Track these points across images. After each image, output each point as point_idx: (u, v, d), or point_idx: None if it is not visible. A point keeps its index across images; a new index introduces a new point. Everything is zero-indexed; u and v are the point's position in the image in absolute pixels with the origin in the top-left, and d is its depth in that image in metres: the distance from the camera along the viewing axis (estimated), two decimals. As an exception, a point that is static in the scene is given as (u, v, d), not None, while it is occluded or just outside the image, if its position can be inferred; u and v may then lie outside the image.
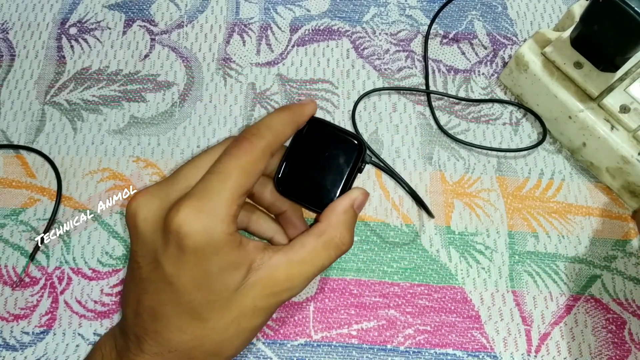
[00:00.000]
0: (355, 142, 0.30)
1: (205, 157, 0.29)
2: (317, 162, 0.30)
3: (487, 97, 0.44)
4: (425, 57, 0.45)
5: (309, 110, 0.31)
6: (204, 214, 0.25)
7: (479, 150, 0.42)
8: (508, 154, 0.42)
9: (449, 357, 0.36)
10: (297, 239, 0.29)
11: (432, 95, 0.44)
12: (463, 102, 0.44)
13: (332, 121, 0.43)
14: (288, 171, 0.30)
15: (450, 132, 0.43)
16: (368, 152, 0.37)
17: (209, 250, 0.26)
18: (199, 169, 0.28)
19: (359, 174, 0.31)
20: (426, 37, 0.46)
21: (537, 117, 0.43)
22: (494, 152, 0.42)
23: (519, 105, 0.43)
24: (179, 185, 0.27)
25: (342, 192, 0.30)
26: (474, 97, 0.44)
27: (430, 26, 0.46)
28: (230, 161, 0.27)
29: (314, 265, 0.28)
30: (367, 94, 0.43)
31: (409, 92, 0.44)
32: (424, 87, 0.44)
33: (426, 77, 0.45)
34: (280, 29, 0.47)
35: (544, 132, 0.42)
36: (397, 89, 0.44)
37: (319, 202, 0.30)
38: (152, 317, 0.27)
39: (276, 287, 0.27)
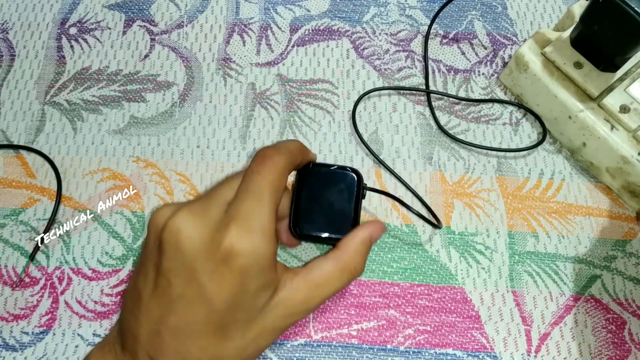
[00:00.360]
0: (351, 173, 0.33)
1: (238, 178, 0.29)
2: (324, 201, 0.32)
3: (487, 97, 0.44)
4: (425, 57, 0.45)
5: (312, 155, 0.33)
6: (254, 234, 0.26)
7: (479, 150, 0.42)
8: (508, 153, 0.42)
9: (449, 357, 0.36)
10: (314, 263, 0.29)
11: (432, 95, 0.44)
12: (463, 102, 0.44)
13: (332, 121, 0.43)
14: (300, 215, 0.31)
15: (450, 132, 0.43)
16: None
17: (255, 270, 0.26)
18: (233, 189, 0.28)
19: (362, 200, 0.33)
20: (426, 37, 0.46)
21: (537, 117, 0.43)
22: (494, 152, 0.42)
23: (519, 105, 0.43)
24: (219, 206, 0.28)
25: (355, 219, 0.32)
26: (474, 97, 0.44)
27: (430, 26, 0.46)
28: (261, 179, 0.28)
29: (329, 289, 0.29)
30: (367, 93, 0.44)
31: (409, 92, 0.44)
32: (424, 87, 0.44)
33: (426, 77, 0.45)
34: (280, 29, 0.47)
35: (544, 132, 0.42)
36: (397, 89, 0.44)
37: (337, 234, 0.31)
38: (175, 336, 0.26)
39: (295, 308, 0.28)
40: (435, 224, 0.36)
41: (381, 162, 0.41)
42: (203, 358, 0.27)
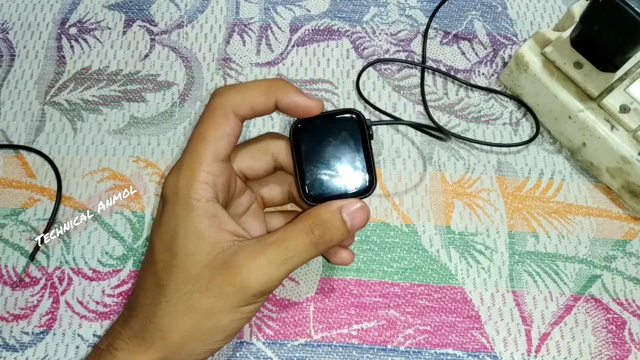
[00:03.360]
0: (350, 115, 0.29)
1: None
2: (328, 155, 0.29)
3: (483, 86, 0.44)
4: (425, 31, 0.45)
5: (294, 97, 0.28)
6: (178, 177, 0.27)
7: (479, 150, 0.42)
8: (507, 152, 0.42)
9: (449, 357, 0.36)
10: (280, 234, 0.27)
11: (431, 95, 0.44)
12: (463, 102, 0.44)
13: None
14: (307, 179, 0.28)
15: (450, 132, 0.43)
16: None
17: (180, 211, 0.27)
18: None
19: (371, 140, 0.29)
20: (426, 30, 0.46)
21: (530, 111, 0.43)
22: (494, 152, 0.42)
23: (511, 97, 0.43)
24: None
25: (369, 165, 0.28)
26: (473, 99, 0.44)
27: (432, 17, 0.46)
28: (195, 130, 0.28)
29: (296, 262, 0.27)
30: (367, 66, 0.44)
31: (408, 91, 0.44)
32: (426, 87, 0.44)
33: (423, 49, 0.45)
34: (280, 29, 0.47)
35: (537, 127, 0.42)
36: (395, 61, 0.45)
37: (354, 188, 0.28)
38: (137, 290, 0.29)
39: (251, 291, 0.26)
40: (443, 136, 0.32)
41: (388, 118, 0.41)
42: (145, 301, 0.28)
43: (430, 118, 0.43)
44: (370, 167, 0.28)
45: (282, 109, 0.28)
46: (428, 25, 0.46)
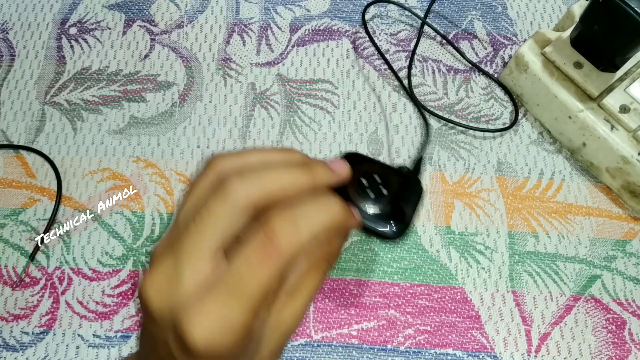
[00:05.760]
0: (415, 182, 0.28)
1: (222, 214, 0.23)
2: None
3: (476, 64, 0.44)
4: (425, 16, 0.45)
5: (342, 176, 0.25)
6: (222, 327, 0.21)
7: (479, 149, 0.42)
8: (507, 152, 0.42)
9: (449, 357, 0.36)
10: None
11: (431, 95, 0.44)
12: (463, 102, 0.44)
13: (332, 121, 0.43)
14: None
15: (450, 131, 0.43)
16: None
17: (226, 358, 0.22)
18: (206, 250, 0.23)
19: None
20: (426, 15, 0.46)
21: (511, 97, 0.44)
22: (494, 152, 0.42)
23: (498, 82, 0.43)
24: (192, 275, 0.22)
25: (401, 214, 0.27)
26: (473, 99, 0.44)
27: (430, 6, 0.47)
28: (249, 278, 0.21)
29: (309, 289, 0.25)
30: (371, 3, 0.46)
31: (409, 88, 0.44)
32: (426, 87, 0.44)
33: (426, 14, 0.45)
34: (280, 29, 0.47)
35: (516, 112, 0.43)
36: (396, 4, 0.47)
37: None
38: None
39: (287, 328, 0.25)
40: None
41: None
42: None
43: (426, 112, 0.43)
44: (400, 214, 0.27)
45: None
46: (429, 9, 0.46)
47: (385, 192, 0.27)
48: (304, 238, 0.22)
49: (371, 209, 0.27)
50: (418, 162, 0.29)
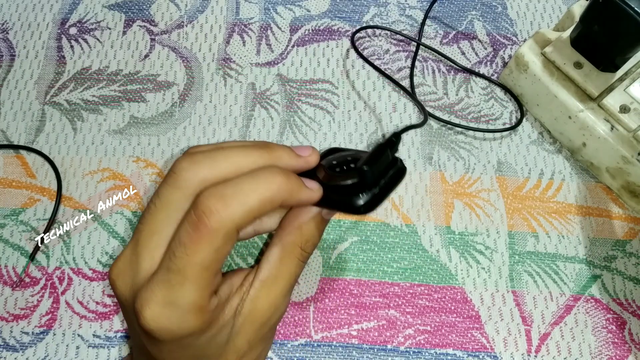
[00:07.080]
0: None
1: (164, 217, 0.23)
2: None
3: (476, 71, 0.44)
4: (425, 15, 0.45)
5: (310, 161, 0.25)
6: (171, 310, 0.22)
7: (479, 149, 0.42)
8: (507, 152, 0.42)
9: (449, 357, 0.36)
10: (263, 258, 0.26)
11: (431, 95, 0.44)
12: (463, 102, 0.44)
13: (332, 121, 0.43)
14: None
15: (450, 131, 0.43)
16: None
17: (187, 341, 0.22)
18: (172, 223, 0.23)
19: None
20: (422, 24, 0.46)
21: (515, 98, 0.43)
22: (494, 152, 0.42)
23: (500, 84, 0.43)
24: (150, 256, 0.23)
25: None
26: (473, 99, 0.44)
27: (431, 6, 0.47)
28: (185, 259, 0.21)
29: (287, 278, 0.25)
30: (361, 29, 0.46)
31: (409, 88, 0.44)
32: (425, 87, 0.44)
33: (420, 31, 0.46)
34: (280, 29, 0.47)
35: (521, 113, 0.43)
36: (389, 30, 0.46)
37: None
38: None
39: (263, 317, 0.25)
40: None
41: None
42: None
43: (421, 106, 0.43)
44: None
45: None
46: (423, 22, 0.46)
47: (352, 166, 0.25)
48: (235, 213, 0.21)
49: (337, 182, 0.25)
50: (392, 136, 0.26)
